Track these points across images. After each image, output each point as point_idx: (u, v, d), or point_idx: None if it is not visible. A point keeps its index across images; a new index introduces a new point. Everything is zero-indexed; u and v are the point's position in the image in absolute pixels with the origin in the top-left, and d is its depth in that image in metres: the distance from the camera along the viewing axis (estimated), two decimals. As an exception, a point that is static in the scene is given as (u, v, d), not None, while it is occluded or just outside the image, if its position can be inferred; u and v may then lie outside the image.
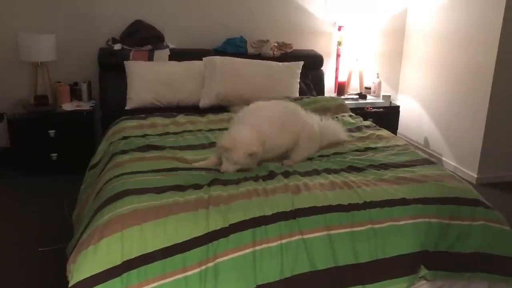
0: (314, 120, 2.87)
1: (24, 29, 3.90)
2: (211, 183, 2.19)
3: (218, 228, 1.88)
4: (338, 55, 4.68)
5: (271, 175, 2.31)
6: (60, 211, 3.20)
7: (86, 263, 1.75)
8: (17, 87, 4.03)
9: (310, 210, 2.02)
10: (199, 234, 1.86)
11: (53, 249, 2.76)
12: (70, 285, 1.73)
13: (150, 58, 3.96)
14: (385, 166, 2.50)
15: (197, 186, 2.15)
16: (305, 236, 1.95)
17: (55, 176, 3.82)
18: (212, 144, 2.83)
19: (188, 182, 2.19)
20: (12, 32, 3.88)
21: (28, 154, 3.80)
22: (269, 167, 2.42)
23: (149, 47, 4.00)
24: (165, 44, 4.10)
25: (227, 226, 1.90)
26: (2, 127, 3.86)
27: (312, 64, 4.37)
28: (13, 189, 3.60)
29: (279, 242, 1.92)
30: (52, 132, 3.78)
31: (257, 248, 1.88)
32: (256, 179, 2.26)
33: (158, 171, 2.35)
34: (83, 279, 1.72)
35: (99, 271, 1.74)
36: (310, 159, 2.71)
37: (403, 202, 2.13)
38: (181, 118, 3.30)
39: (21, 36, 3.74)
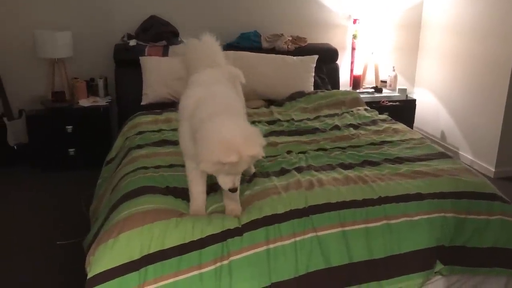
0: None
1: (41, 26, 3.96)
2: None
3: (232, 227, 1.89)
4: (353, 49, 4.64)
5: (282, 171, 2.31)
6: (78, 205, 3.25)
7: (105, 256, 1.77)
8: (34, 83, 4.09)
9: (324, 206, 2.01)
10: (214, 232, 1.86)
11: (71, 242, 2.81)
12: (88, 277, 1.76)
13: (165, 53, 3.97)
14: (400, 160, 2.49)
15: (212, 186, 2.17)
16: (319, 233, 1.94)
17: (72, 171, 3.88)
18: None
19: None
20: (29, 29, 3.94)
21: (46, 150, 3.86)
22: (281, 163, 2.41)
23: (163, 42, 4.02)
24: (179, 39, 4.11)
25: (241, 225, 1.90)
26: (21, 123, 3.92)
27: (327, 58, 4.35)
28: (32, 184, 3.67)
29: (292, 239, 1.91)
30: (69, 128, 3.83)
31: (271, 246, 1.88)
32: (267, 175, 2.27)
33: (173, 166, 2.38)
34: (102, 272, 1.74)
35: (118, 264, 1.76)
36: (324, 149, 2.70)
37: (419, 197, 2.12)
38: (196, 113, 3.30)
39: (38, 33, 3.78)
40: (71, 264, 2.62)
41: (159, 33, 4.01)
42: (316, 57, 4.14)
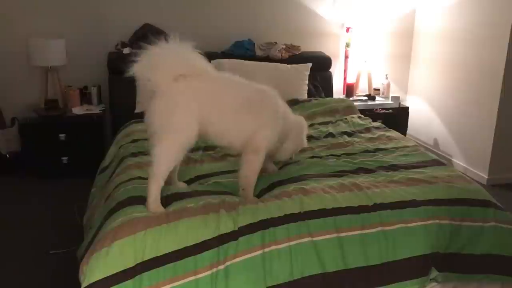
0: None
1: (34, 34, 3.94)
2: (220, 192, 2.20)
3: (228, 231, 1.89)
4: (346, 57, 4.67)
5: (275, 184, 2.31)
6: (71, 214, 3.22)
7: (99, 265, 1.76)
8: (27, 91, 4.08)
9: (319, 212, 2.01)
10: (210, 237, 1.86)
11: (64, 252, 2.78)
12: (82, 287, 1.75)
13: (159, 61, 3.96)
14: (395, 168, 2.49)
15: (206, 193, 2.16)
16: (315, 238, 1.94)
17: (65, 179, 3.85)
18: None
19: (194, 189, 2.21)
20: (23, 37, 3.93)
21: (39, 158, 3.83)
22: (272, 178, 2.38)
23: (157, 50, 4.01)
24: (173, 47, 4.11)
25: (237, 229, 1.90)
26: (13, 132, 3.90)
27: (320, 66, 4.37)
28: (24, 193, 3.64)
29: (287, 244, 1.91)
30: (62, 136, 3.81)
31: (266, 250, 1.89)
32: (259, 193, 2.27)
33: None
34: (96, 281, 1.73)
35: (112, 273, 1.75)
36: (319, 157, 2.69)
37: (413, 204, 2.12)
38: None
39: (31, 41, 3.78)
40: (65, 274, 2.58)
41: (153, 41, 4.00)
42: (309, 65, 4.16)
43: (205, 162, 2.62)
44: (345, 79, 4.71)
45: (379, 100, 4.65)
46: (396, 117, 4.48)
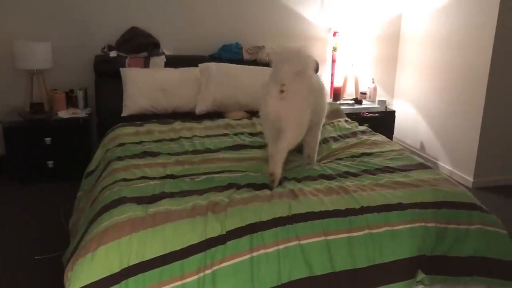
0: None
1: (20, 37, 3.90)
2: (209, 190, 2.19)
3: (215, 235, 1.88)
4: (333, 61, 4.70)
5: (266, 184, 2.31)
6: (57, 219, 3.19)
7: (84, 271, 1.74)
8: (12, 95, 4.03)
9: (307, 215, 2.02)
10: (197, 241, 1.85)
11: (50, 257, 2.75)
12: (67, 293, 1.73)
13: (146, 65, 3.96)
14: (381, 171, 2.51)
15: (194, 193, 2.16)
16: (302, 242, 1.95)
17: (51, 183, 3.81)
18: (208, 150, 2.82)
19: (183, 188, 2.20)
20: (8, 40, 3.89)
21: (24, 162, 3.79)
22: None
23: (145, 54, 4.00)
24: (161, 51, 4.11)
25: (225, 233, 1.90)
26: (-3, 135, 3.86)
27: (307, 70, 4.38)
28: (10, 197, 3.59)
29: (275, 247, 1.91)
30: (48, 140, 3.77)
31: (254, 254, 1.88)
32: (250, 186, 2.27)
33: (154, 178, 2.36)
34: (81, 287, 1.71)
35: (97, 278, 1.73)
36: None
37: (400, 207, 2.14)
38: (177, 125, 3.30)
39: (16, 44, 3.74)
40: (50, 280, 2.56)
41: (141, 45, 4.00)
42: (297, 69, 4.16)
43: (196, 164, 2.61)
44: (332, 83, 4.74)
45: (365, 103, 4.68)
46: (383, 121, 4.52)
